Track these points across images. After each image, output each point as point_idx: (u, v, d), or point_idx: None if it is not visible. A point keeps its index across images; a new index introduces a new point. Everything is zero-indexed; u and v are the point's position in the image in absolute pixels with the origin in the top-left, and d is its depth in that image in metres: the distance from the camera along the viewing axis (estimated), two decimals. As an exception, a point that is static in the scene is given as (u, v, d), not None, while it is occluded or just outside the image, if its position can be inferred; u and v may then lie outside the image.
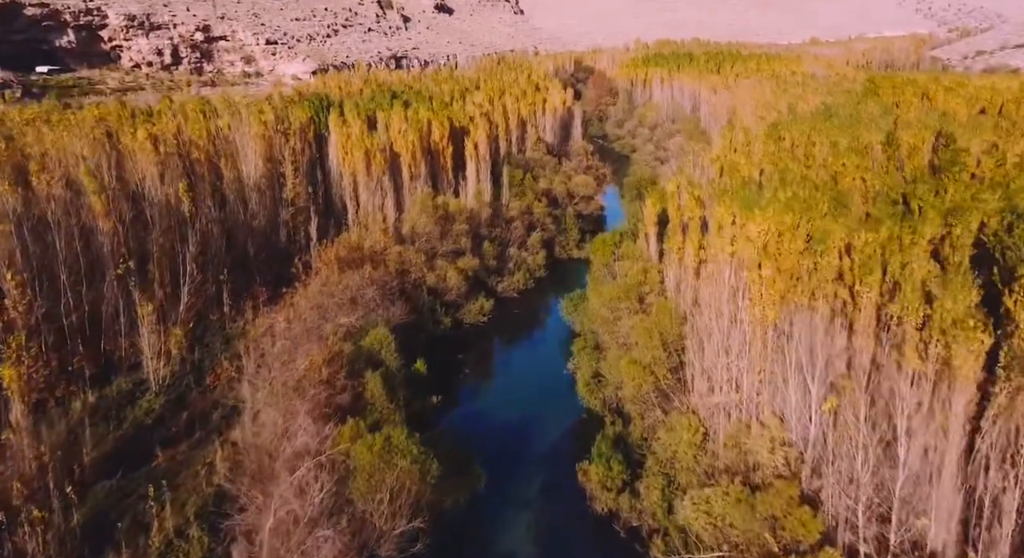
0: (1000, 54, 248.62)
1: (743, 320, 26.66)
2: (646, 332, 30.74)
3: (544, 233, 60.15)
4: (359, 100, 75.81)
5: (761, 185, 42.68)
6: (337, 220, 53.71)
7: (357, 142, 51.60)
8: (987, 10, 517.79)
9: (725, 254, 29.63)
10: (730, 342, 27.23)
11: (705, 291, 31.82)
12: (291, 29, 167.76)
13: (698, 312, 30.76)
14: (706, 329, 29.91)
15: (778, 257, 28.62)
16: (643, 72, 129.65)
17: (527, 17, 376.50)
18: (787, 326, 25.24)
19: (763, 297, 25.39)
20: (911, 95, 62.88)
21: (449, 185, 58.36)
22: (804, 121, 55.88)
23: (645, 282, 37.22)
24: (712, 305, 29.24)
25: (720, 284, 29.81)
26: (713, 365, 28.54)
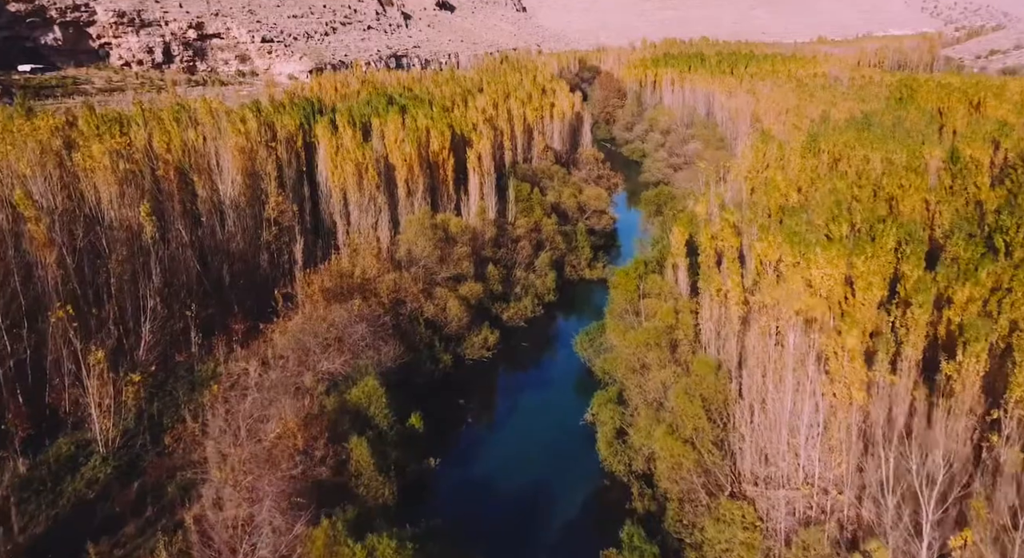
0: (1016, 54, 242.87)
1: (815, 392, 21.37)
2: (686, 397, 25.48)
3: (553, 252, 54.86)
4: (354, 104, 70.59)
5: (806, 210, 37.43)
6: (326, 240, 48.47)
7: (348, 154, 46.34)
8: (993, 8, 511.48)
9: (785, 308, 24.34)
10: (796, 419, 21.96)
11: (753, 344, 26.54)
12: (288, 26, 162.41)
13: (748, 372, 25.50)
14: (759, 395, 24.66)
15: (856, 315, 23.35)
16: (652, 73, 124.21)
17: (529, 15, 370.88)
18: (875, 406, 19.99)
19: (847, 373, 20.08)
20: (956, 101, 57.49)
21: (450, 200, 53.08)
22: (842, 131, 50.54)
23: (676, 325, 31.93)
24: (768, 369, 23.96)
25: (772, 338, 24.53)
26: (770, 442, 23.28)
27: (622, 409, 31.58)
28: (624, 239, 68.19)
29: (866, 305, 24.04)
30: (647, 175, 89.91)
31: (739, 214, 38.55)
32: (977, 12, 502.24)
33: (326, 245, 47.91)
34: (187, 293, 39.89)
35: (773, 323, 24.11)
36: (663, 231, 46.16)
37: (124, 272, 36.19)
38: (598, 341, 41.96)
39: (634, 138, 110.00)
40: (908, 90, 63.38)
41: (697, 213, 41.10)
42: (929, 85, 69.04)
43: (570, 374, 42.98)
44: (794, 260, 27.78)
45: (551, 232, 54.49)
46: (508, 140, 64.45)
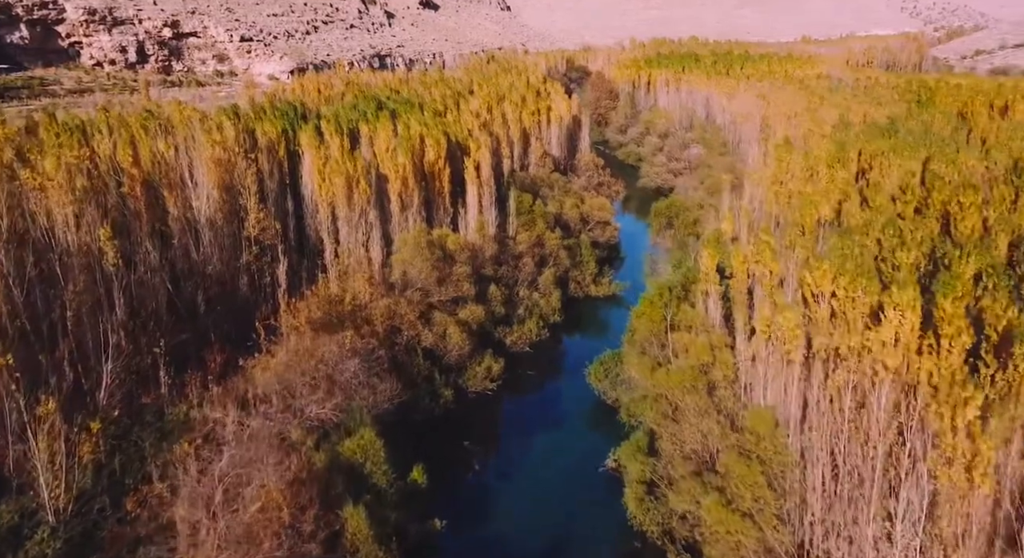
0: (1002, 54, 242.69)
1: (917, 470, 17.64)
2: (742, 461, 21.70)
3: (557, 268, 50.99)
4: (340, 108, 66.20)
5: (848, 229, 33.77)
6: (311, 259, 44.18)
7: (336, 165, 42.13)
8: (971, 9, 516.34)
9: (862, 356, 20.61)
10: (891, 504, 18.22)
11: (818, 397, 22.82)
12: (268, 25, 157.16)
13: (815, 433, 21.75)
14: (828, 459, 20.94)
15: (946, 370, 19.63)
16: (646, 73, 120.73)
17: (514, 14, 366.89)
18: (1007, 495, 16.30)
19: (964, 452, 16.34)
20: (979, 104, 54.32)
21: (446, 213, 48.99)
22: (869, 138, 47.08)
23: (713, 364, 28.15)
24: (845, 431, 20.21)
25: (849, 393, 20.81)
26: (855, 524, 19.53)
27: (653, 460, 27.73)
28: (627, 250, 64.52)
29: (954, 357, 20.29)
30: (646, 181, 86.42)
31: (770, 232, 34.86)
32: (955, 12, 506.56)
33: (312, 265, 43.64)
34: (156, 323, 35.48)
35: (850, 376, 20.35)
36: (683, 251, 42.44)
37: (82, 303, 31.77)
38: (614, 372, 38.18)
39: (629, 141, 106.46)
40: (927, 92, 60.25)
41: (723, 231, 37.37)
42: (947, 87, 66.09)
43: (583, 408, 39.13)
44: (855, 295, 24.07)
45: (555, 247, 50.61)
46: (506, 147, 60.45)
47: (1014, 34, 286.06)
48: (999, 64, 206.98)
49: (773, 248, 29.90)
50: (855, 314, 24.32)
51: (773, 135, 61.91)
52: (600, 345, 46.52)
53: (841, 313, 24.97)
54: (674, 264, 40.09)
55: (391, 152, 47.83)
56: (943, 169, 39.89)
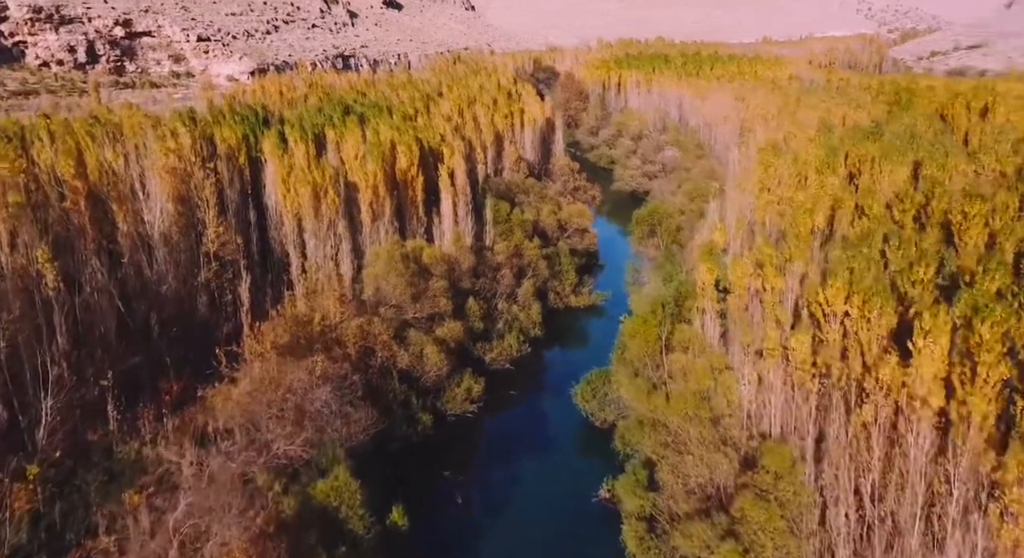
0: (956, 55, 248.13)
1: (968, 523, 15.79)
2: (762, 507, 19.72)
3: (536, 279, 48.80)
4: (304, 111, 63.11)
5: (849, 241, 32.22)
6: (276, 274, 41.29)
7: (302, 174, 39.29)
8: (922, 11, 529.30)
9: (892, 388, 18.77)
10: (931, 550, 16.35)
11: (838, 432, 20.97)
12: (226, 24, 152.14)
13: (838, 470, 19.86)
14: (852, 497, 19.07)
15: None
16: (616, 74, 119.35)
17: (478, 14, 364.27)
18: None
19: None
20: (960, 107, 53.61)
21: (419, 224, 46.42)
22: (856, 141, 45.87)
23: (715, 390, 26.20)
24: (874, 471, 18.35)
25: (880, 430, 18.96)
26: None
27: (654, 495, 25.66)
28: (605, 256, 62.47)
29: (990, 389, 18.57)
30: (620, 184, 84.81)
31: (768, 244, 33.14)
32: (907, 15, 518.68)
33: (277, 281, 40.76)
34: (104, 350, 32.35)
35: (879, 411, 18.49)
36: (669, 261, 40.56)
37: (18, 332, 28.55)
38: (602, 391, 36.11)
39: (600, 143, 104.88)
40: (907, 94, 59.57)
41: (715, 242, 35.55)
42: (923, 89, 65.58)
43: (570, 431, 36.97)
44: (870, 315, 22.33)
45: (534, 257, 48.40)
46: (479, 152, 58.06)
47: (967, 36, 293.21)
48: (955, 65, 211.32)
49: (775, 262, 28.09)
50: (870, 336, 22.58)
51: (752, 138, 60.60)
52: (584, 360, 44.51)
53: (854, 335, 23.23)
54: (664, 277, 38.19)
55: (360, 159, 45.13)
56: (935, 174, 38.70)
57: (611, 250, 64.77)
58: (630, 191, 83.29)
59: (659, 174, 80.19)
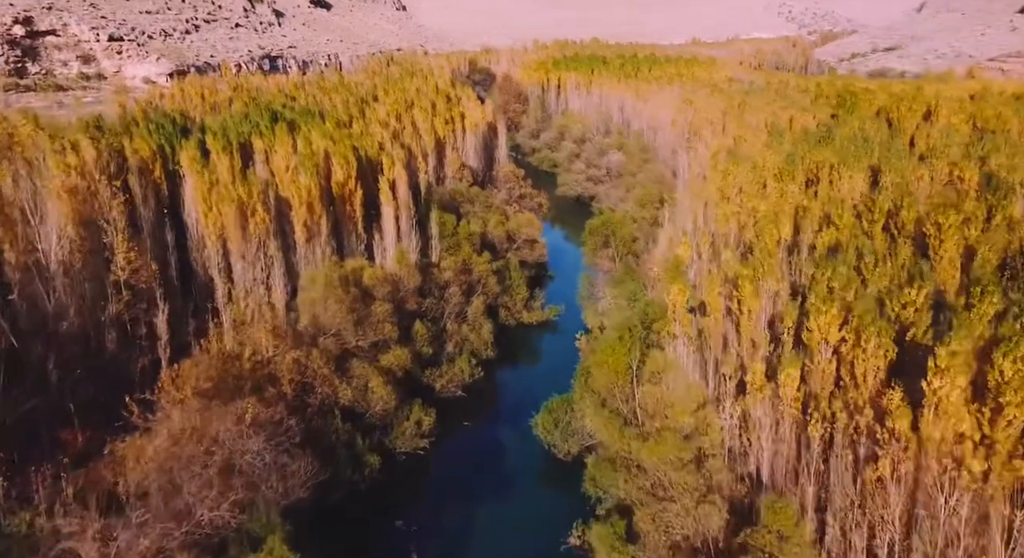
0: (875, 56, 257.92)
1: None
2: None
3: (486, 296, 45.93)
4: (228, 117, 58.38)
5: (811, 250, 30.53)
6: (200, 302, 37.04)
7: (225, 191, 35.24)
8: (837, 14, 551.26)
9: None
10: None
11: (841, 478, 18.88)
12: (141, 23, 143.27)
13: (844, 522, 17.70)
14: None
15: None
16: (555, 76, 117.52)
17: (410, 14, 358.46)
18: None
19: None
20: (906, 110, 53.45)
21: (359, 241, 42.83)
22: (810, 147, 44.77)
23: (699, 429, 23.87)
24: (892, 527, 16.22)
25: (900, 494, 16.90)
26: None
27: (633, 548, 23.13)
28: (554, 264, 59.81)
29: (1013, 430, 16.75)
30: (565, 189, 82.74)
31: (736, 258, 31.20)
32: (824, 17, 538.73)
33: (200, 309, 36.52)
34: (-8, 404, 27.72)
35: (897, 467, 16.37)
36: (629, 276, 38.23)
37: None
38: (564, 420, 33.50)
39: (542, 146, 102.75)
40: (850, 97, 59.33)
41: (680, 258, 33.40)
42: (864, 92, 65.70)
43: (531, 464, 34.18)
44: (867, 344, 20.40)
45: (484, 272, 45.47)
46: (420, 160, 54.75)
47: (883, 38, 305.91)
48: (875, 66, 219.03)
49: (750, 278, 25.99)
50: (867, 367, 20.63)
51: (700, 142, 59.29)
52: (540, 382, 41.86)
53: (849, 366, 21.28)
54: (627, 296, 35.83)
55: (292, 172, 41.23)
56: (895, 180, 37.70)
57: (560, 258, 62.45)
58: (575, 196, 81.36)
59: (604, 179, 78.50)
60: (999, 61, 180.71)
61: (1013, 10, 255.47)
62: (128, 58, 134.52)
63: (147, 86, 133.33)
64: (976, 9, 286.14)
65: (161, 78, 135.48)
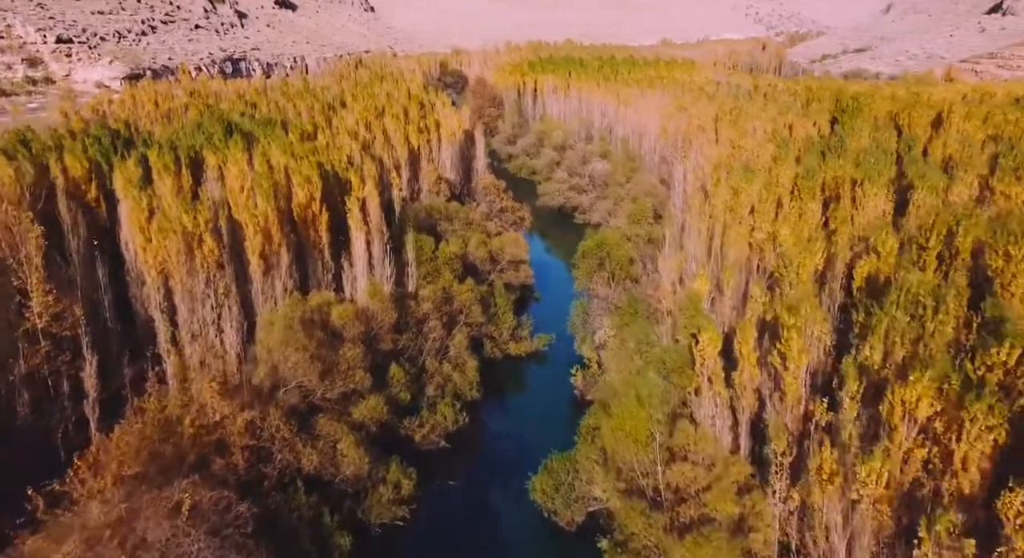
0: (846, 58, 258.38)
1: None
2: None
3: (469, 326, 41.27)
4: (180, 129, 52.96)
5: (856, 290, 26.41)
6: (138, 351, 31.76)
7: (165, 221, 30.03)
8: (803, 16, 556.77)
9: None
10: None
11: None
12: (92, 24, 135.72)
13: None
14: None
15: None
16: (531, 79, 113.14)
17: (378, 15, 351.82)
18: None
19: None
20: (920, 118, 49.91)
21: (327, 270, 37.80)
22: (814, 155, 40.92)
23: (747, 517, 19.49)
24: None
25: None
26: None
27: None
28: (539, 282, 55.07)
29: None
30: (546, 199, 78.32)
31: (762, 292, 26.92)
32: (790, 19, 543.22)
33: (138, 356, 31.26)
34: None
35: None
36: (636, 316, 33.73)
37: None
38: (567, 483, 28.99)
39: (520, 153, 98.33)
40: (852, 102, 55.83)
41: (697, 293, 29.05)
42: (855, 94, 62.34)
43: (528, 536, 29.59)
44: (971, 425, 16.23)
45: (467, 301, 40.76)
46: (394, 173, 49.88)
47: (852, 39, 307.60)
48: (848, 68, 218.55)
49: (799, 329, 21.67)
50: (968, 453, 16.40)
51: (694, 150, 55.28)
52: (533, 427, 37.41)
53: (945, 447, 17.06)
54: (637, 340, 31.38)
55: (247, 193, 36.12)
56: (929, 200, 33.85)
57: (545, 274, 57.94)
58: (557, 206, 77.08)
59: (588, 188, 74.34)
60: (971, 62, 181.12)
61: (980, 11, 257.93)
62: (78, 61, 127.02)
63: (99, 91, 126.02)
64: (942, 11, 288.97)
65: (114, 82, 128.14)
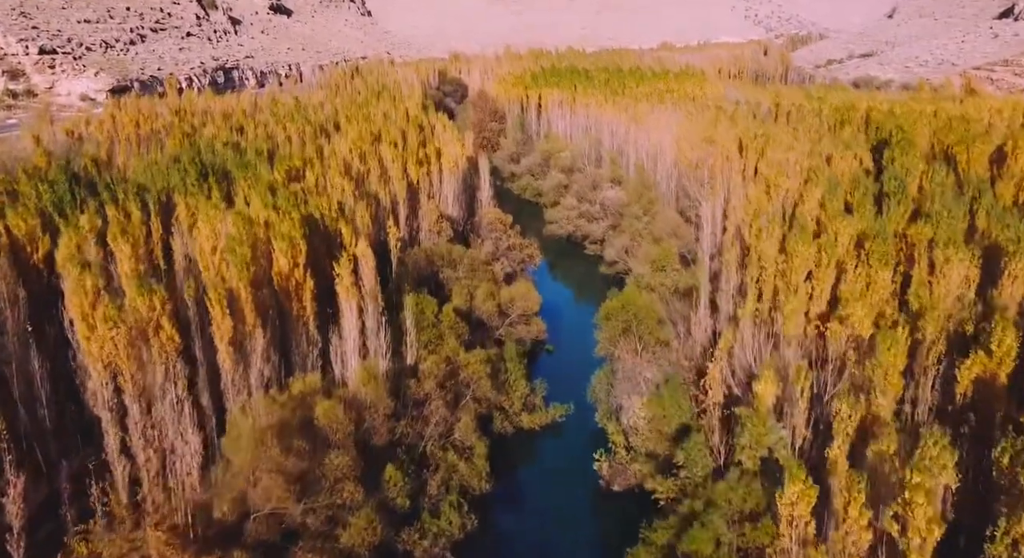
0: (852, 63, 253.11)
1: None
2: None
3: (478, 402, 36.02)
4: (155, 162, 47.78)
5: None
6: (81, 464, 26.45)
7: (111, 310, 24.72)
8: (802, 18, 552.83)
9: None
10: None
11: None
12: (78, 34, 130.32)
13: None
14: None
15: None
16: (535, 93, 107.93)
17: (375, 20, 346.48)
18: None
19: None
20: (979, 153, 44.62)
21: (312, 345, 32.45)
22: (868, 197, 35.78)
23: None
24: None
25: None
26: None
27: None
28: (550, 326, 49.09)
29: None
30: (554, 227, 73.13)
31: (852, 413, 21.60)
32: (789, 21, 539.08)
33: (80, 471, 25.95)
34: None
35: None
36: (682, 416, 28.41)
37: None
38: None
39: (524, 172, 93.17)
40: (899, 131, 50.52)
41: (763, 398, 23.78)
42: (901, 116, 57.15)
43: None
44: None
45: (476, 374, 35.48)
46: (390, 214, 44.73)
47: (858, 43, 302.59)
48: (856, 74, 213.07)
49: (929, 493, 16.42)
50: None
51: (720, 186, 50.12)
52: (556, 531, 32.08)
53: None
54: (685, 454, 26.05)
55: (218, 255, 30.88)
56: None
57: (555, 315, 52.25)
58: (566, 235, 72.01)
59: (599, 217, 69.18)
60: (985, 69, 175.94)
61: (988, 16, 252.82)
62: (62, 73, 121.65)
63: (83, 104, 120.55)
64: (948, 15, 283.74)
65: (99, 95, 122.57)
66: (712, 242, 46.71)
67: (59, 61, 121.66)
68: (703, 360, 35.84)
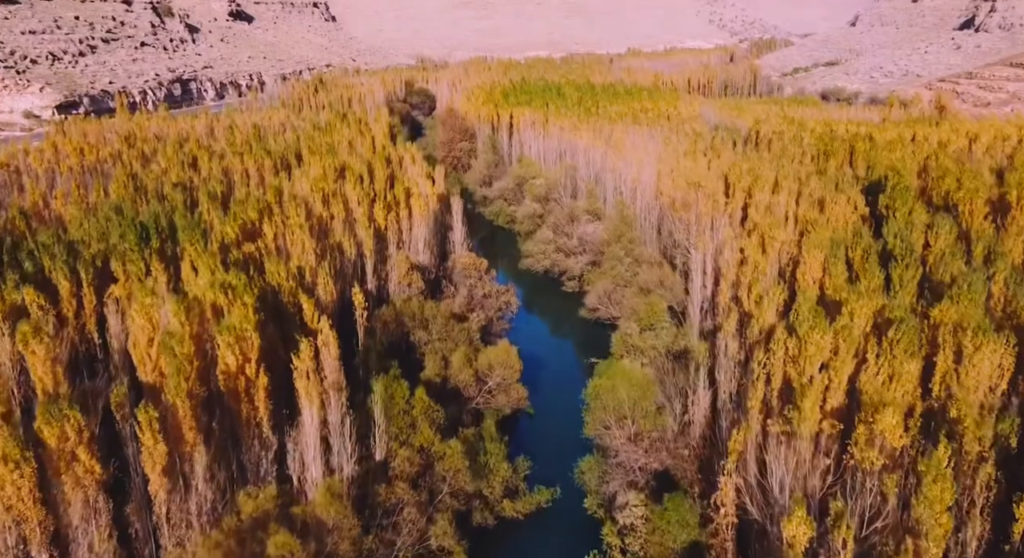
0: (818, 72, 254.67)
1: None
2: None
3: (456, 498, 32.31)
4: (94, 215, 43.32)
5: None
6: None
7: (13, 448, 20.49)
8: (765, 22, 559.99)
9: None
10: None
11: None
12: (22, 46, 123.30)
13: None
14: None
15: None
16: (506, 112, 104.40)
17: (340, 25, 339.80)
18: None
19: None
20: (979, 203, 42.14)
21: (266, 448, 28.37)
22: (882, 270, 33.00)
23: None
24: None
25: None
26: None
27: None
28: (529, 377, 45.25)
29: None
30: (531, 261, 69.70)
31: None
32: (752, 25, 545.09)
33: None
34: None
35: None
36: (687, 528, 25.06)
37: None
38: None
39: (496, 196, 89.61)
40: (895, 174, 47.98)
41: (796, 541, 20.51)
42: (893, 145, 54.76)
43: None
44: None
45: (457, 466, 31.78)
46: (356, 268, 40.78)
47: (822, 51, 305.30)
48: (824, 85, 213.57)
49: None
50: None
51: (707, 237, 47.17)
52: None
53: None
54: None
55: (154, 351, 26.70)
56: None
57: (535, 367, 48.23)
58: (544, 270, 68.65)
59: (577, 251, 65.96)
60: (951, 82, 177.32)
61: (949, 26, 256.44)
62: (4, 89, 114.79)
63: (27, 121, 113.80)
64: (909, 24, 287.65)
65: (45, 112, 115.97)
66: (703, 295, 43.77)
67: (2, 76, 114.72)
68: (703, 447, 32.76)
